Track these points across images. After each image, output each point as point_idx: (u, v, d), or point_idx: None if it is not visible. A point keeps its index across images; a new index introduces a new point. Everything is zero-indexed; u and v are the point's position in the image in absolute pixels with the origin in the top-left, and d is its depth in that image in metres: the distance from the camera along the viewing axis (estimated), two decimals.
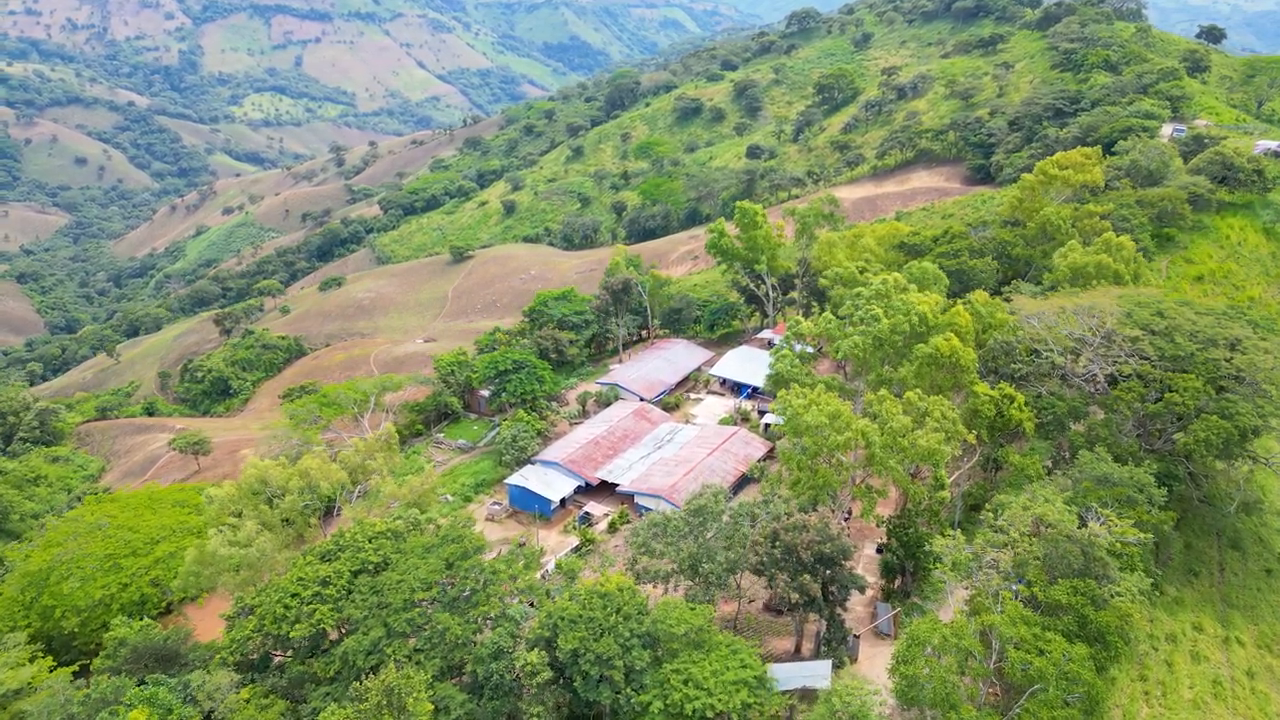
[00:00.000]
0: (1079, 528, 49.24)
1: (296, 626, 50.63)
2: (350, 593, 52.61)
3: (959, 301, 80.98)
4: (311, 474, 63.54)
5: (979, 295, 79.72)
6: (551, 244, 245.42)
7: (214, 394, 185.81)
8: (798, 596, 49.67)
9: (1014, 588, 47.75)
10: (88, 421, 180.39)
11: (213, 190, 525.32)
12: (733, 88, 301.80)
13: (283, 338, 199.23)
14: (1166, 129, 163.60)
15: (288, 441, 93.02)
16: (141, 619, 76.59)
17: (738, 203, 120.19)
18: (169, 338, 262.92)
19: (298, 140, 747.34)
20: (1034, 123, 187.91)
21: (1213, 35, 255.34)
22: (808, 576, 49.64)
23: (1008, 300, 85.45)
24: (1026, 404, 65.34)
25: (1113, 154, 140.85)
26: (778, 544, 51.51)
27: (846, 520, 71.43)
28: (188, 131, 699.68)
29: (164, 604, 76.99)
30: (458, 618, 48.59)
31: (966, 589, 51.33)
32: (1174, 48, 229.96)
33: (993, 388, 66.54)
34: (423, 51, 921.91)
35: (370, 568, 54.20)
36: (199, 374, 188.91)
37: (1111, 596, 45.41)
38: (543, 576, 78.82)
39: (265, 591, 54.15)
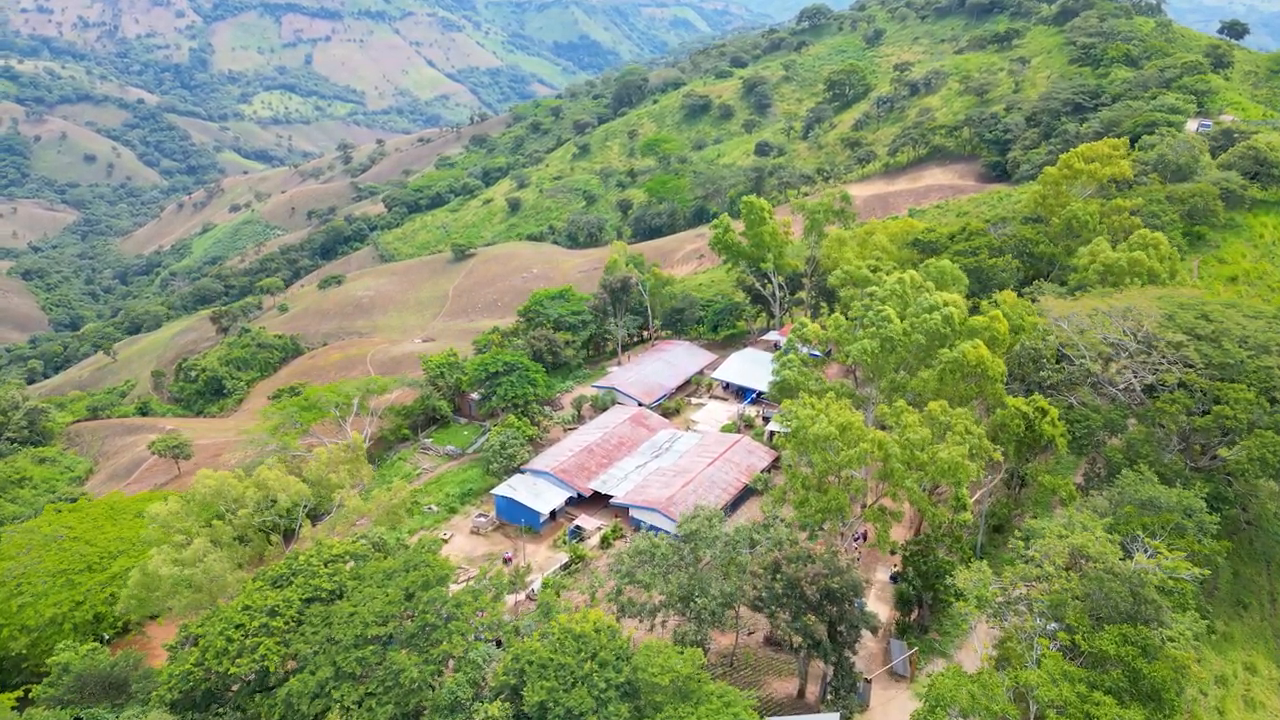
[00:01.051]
0: (1122, 559, 43.13)
1: (238, 662, 45.09)
2: (301, 624, 47.10)
3: (982, 301, 74.96)
4: (269, 486, 57.97)
5: (1007, 296, 73.38)
6: (556, 242, 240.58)
7: (208, 394, 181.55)
8: (801, 639, 43.68)
9: (1050, 628, 41.67)
10: (78, 421, 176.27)
11: (220, 188, 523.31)
12: (742, 85, 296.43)
13: (279, 337, 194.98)
14: (1192, 124, 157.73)
15: (263, 448, 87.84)
16: (98, 639, 71.60)
17: (743, 197, 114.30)
18: (167, 336, 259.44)
19: (307, 138, 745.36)
20: (1052, 118, 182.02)
21: (1235, 30, 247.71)
22: (812, 616, 43.52)
23: (1033, 301, 79.21)
24: (1059, 417, 59.05)
25: (1137, 149, 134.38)
26: (779, 576, 45.39)
27: (863, 542, 65.26)
28: (197, 129, 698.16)
29: (121, 623, 71.72)
30: (415, 657, 42.92)
31: (993, 627, 45.31)
32: (1195, 43, 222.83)
33: (1022, 398, 60.24)
34: (432, 50, 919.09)
35: (324, 595, 48.61)
36: (193, 373, 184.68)
37: (1163, 643, 39.32)
38: (528, 596, 73.35)
39: (210, 620, 48.68)
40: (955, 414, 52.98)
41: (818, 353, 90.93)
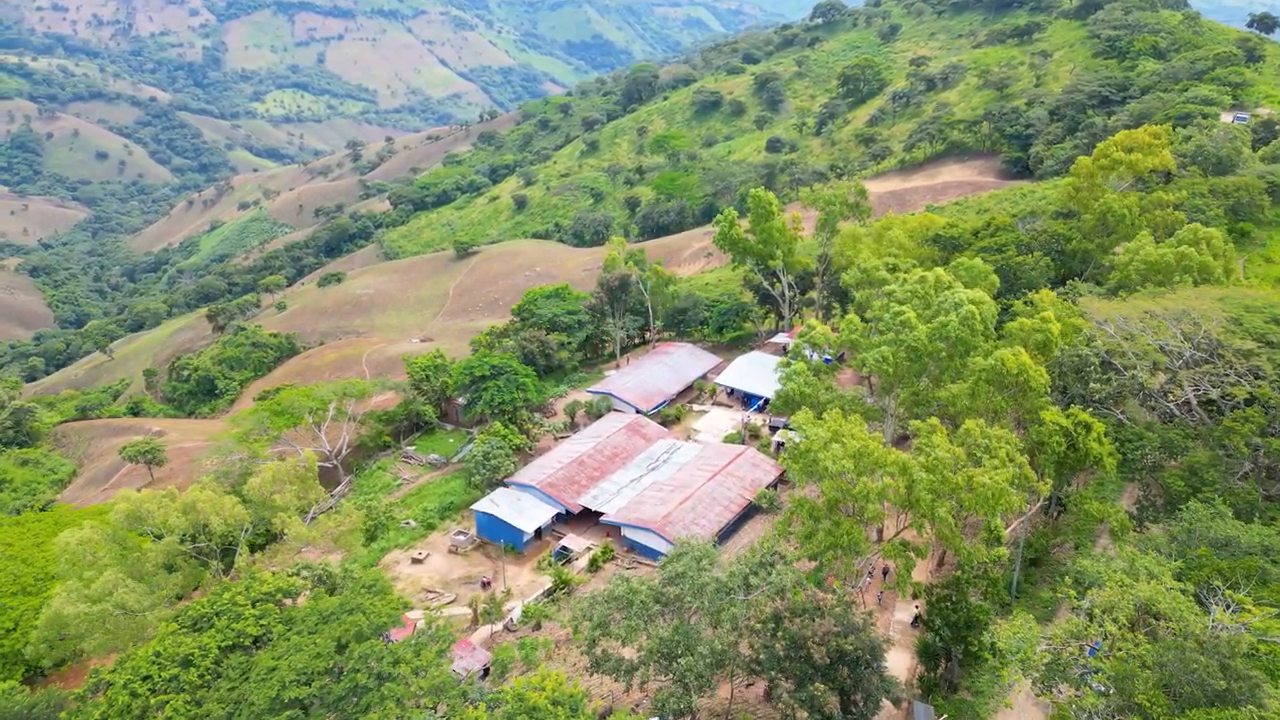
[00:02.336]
0: (1198, 615, 35.42)
1: None
2: (219, 676, 40.18)
3: (1015, 302, 67.05)
4: (199, 508, 51.06)
5: (1046, 296, 65.47)
6: (562, 240, 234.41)
7: (200, 394, 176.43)
8: (807, 715, 35.99)
9: (1105, 690, 33.98)
10: (66, 421, 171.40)
11: (229, 185, 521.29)
12: (754, 81, 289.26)
13: (274, 335, 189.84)
14: (1226, 117, 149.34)
15: (228, 456, 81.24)
16: (31, 670, 65.25)
17: (751, 191, 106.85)
18: (165, 334, 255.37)
19: (318, 137, 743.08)
20: (1077, 112, 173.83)
21: (1265, 24, 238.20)
22: (821, 684, 35.98)
23: (1072, 303, 71.30)
24: (1105, 434, 51.21)
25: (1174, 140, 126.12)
26: (781, 633, 37.84)
27: (881, 579, 57.50)
28: (209, 127, 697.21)
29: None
30: None
31: (1042, 698, 37.68)
32: (1224, 36, 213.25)
33: (1062, 410, 52.42)
34: (445, 49, 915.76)
35: (247, 642, 41.67)
36: (185, 372, 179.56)
37: None
38: (506, 626, 66.35)
39: (119, 667, 41.89)
40: (995, 435, 45.13)
41: (830, 357, 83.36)
